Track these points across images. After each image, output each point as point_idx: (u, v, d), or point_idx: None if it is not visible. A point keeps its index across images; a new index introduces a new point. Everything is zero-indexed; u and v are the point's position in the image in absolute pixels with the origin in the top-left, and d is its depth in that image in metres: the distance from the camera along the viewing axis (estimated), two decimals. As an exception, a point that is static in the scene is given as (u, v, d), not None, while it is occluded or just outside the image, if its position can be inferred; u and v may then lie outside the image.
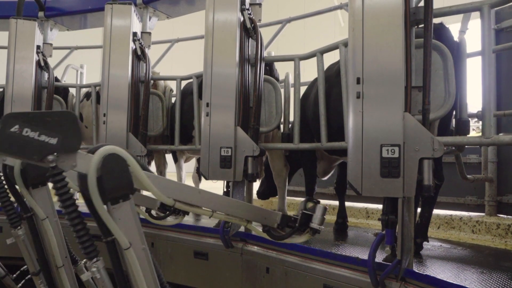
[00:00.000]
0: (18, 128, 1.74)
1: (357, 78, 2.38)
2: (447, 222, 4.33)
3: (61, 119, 1.83)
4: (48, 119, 1.80)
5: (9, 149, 1.72)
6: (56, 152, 1.80)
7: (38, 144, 1.78)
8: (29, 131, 1.76)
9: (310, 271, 3.28)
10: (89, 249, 1.85)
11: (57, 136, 1.81)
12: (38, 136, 1.78)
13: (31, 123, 1.77)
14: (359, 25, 2.39)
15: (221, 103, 3.42)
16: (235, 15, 3.42)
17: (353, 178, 2.39)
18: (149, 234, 4.55)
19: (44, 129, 1.79)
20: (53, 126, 1.81)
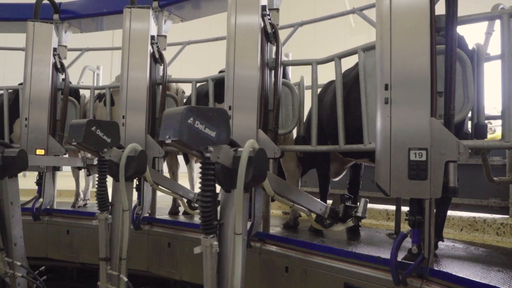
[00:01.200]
0: (193, 120, 2.13)
1: (385, 84, 2.48)
2: (471, 224, 4.41)
3: (218, 116, 2.25)
4: (211, 114, 2.20)
5: (186, 139, 2.12)
6: (213, 145, 2.20)
7: (204, 136, 2.18)
8: (198, 123, 2.15)
9: (330, 270, 3.37)
10: (209, 227, 2.31)
11: (215, 130, 2.22)
12: (204, 129, 2.17)
13: (201, 117, 2.15)
14: (387, 34, 2.49)
15: (244, 106, 3.51)
16: (256, 20, 3.51)
17: (381, 180, 2.49)
18: (165, 234, 4.63)
19: (208, 123, 2.18)
20: (214, 121, 2.21)
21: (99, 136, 3.31)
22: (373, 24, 4.60)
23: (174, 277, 4.55)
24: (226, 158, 2.28)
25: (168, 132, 2.19)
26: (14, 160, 3.55)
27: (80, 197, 5.87)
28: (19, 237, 3.77)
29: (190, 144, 2.17)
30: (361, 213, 3.20)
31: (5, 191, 3.64)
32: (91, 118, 3.46)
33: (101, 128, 3.33)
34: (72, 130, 3.40)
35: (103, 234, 3.42)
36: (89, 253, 5.05)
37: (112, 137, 3.41)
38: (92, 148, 3.36)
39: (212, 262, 2.37)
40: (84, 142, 3.25)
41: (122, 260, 3.48)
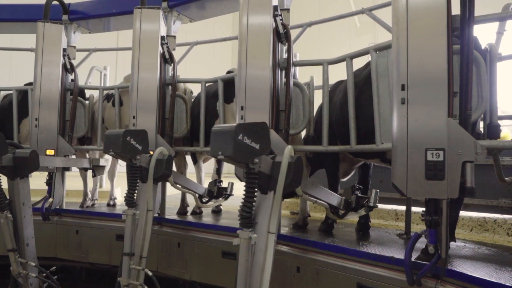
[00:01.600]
0: (241, 136, 2.38)
1: (401, 84, 2.49)
2: (481, 225, 4.41)
3: (261, 129, 2.52)
4: (255, 128, 2.47)
5: (237, 154, 2.36)
6: (257, 156, 2.44)
7: (251, 150, 2.43)
8: (246, 138, 2.40)
9: (343, 270, 3.37)
10: (248, 221, 2.50)
11: (259, 142, 2.46)
12: (250, 143, 2.42)
13: (248, 132, 2.41)
14: (403, 34, 2.49)
15: (256, 106, 3.51)
16: (269, 21, 3.51)
17: (398, 180, 2.49)
18: (175, 235, 4.64)
19: (253, 137, 2.42)
20: (258, 134, 2.46)
21: (132, 145, 3.54)
22: (382, 25, 4.60)
23: (184, 277, 4.56)
24: (266, 166, 2.55)
25: (219, 149, 2.43)
26: (26, 161, 3.56)
27: (88, 197, 5.88)
28: (31, 238, 3.79)
29: (239, 159, 2.43)
30: (372, 202, 3.37)
31: (16, 192, 3.65)
32: (125, 129, 3.64)
33: (134, 137, 3.54)
34: (108, 140, 3.57)
35: (129, 229, 3.49)
36: (99, 253, 5.06)
37: (143, 145, 3.63)
38: (127, 156, 3.57)
39: (248, 254, 2.54)
40: (122, 152, 3.47)
41: (143, 258, 3.52)
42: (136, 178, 3.63)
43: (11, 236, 3.55)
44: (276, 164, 2.56)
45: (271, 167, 2.57)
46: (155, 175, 3.58)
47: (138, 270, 3.46)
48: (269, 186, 2.59)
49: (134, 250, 3.57)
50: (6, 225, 3.48)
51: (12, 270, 3.59)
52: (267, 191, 2.60)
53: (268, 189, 2.60)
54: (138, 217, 3.63)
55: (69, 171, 5.19)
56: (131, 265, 3.48)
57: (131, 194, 3.62)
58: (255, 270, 2.57)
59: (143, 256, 3.56)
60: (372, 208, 3.30)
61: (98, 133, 5.31)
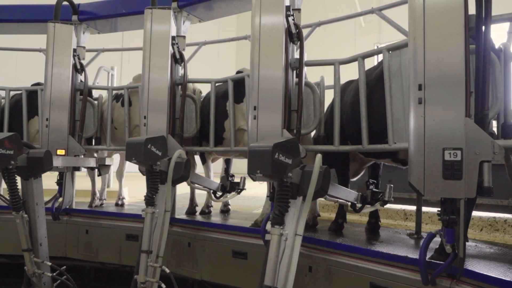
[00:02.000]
0: (277, 155, 2.57)
1: (418, 84, 2.49)
2: (491, 225, 4.41)
3: (293, 145, 2.74)
4: (288, 145, 2.66)
5: (274, 172, 2.57)
6: (290, 170, 2.65)
7: (284, 165, 2.63)
8: (281, 156, 2.59)
9: (356, 269, 3.38)
10: (279, 219, 2.68)
11: (291, 158, 2.67)
12: (284, 159, 2.61)
13: (283, 150, 2.60)
14: (420, 34, 2.50)
15: (268, 106, 3.52)
16: (281, 21, 3.52)
17: (415, 180, 2.50)
18: (185, 234, 4.66)
19: (287, 154, 2.62)
20: (290, 150, 2.66)
21: (153, 152, 3.64)
22: (392, 25, 4.61)
23: (194, 276, 4.57)
24: (296, 177, 2.74)
25: (257, 168, 2.64)
26: (41, 161, 3.58)
27: (97, 197, 5.90)
28: (44, 237, 3.81)
29: (276, 176, 2.64)
30: (387, 197, 3.46)
31: (30, 192, 3.67)
32: (147, 137, 3.73)
33: (154, 143, 3.64)
34: (130, 148, 3.66)
35: (148, 227, 3.53)
36: (109, 252, 5.08)
37: (162, 150, 3.74)
38: (149, 163, 3.65)
39: (278, 249, 2.66)
40: (144, 159, 3.58)
41: (159, 258, 3.55)
42: (157, 182, 3.70)
43: (27, 236, 3.57)
44: (306, 173, 2.74)
45: (300, 176, 2.76)
46: (173, 177, 3.66)
47: (155, 268, 3.49)
48: (298, 192, 2.76)
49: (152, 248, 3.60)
50: (21, 225, 3.50)
51: (27, 270, 3.61)
52: (296, 197, 2.76)
53: (297, 195, 2.76)
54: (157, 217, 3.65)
55: (79, 171, 5.21)
56: (148, 262, 3.50)
57: (152, 194, 3.67)
58: (280, 268, 2.69)
59: (159, 255, 3.58)
60: (387, 202, 3.36)
61: (108, 133, 5.32)
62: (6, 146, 3.30)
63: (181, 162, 3.71)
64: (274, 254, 2.64)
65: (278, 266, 2.67)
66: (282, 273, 2.65)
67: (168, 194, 3.67)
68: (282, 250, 2.68)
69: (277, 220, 2.69)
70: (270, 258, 2.65)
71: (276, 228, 2.69)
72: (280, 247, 2.68)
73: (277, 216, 2.70)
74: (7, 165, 3.36)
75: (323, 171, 2.72)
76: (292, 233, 2.66)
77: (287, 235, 2.67)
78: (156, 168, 3.65)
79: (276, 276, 2.66)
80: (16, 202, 3.50)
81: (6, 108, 5.65)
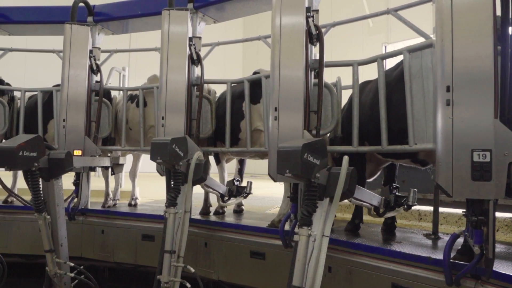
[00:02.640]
0: (306, 154, 2.60)
1: (446, 86, 2.50)
2: (507, 225, 4.40)
3: (321, 146, 2.77)
4: (316, 146, 2.71)
5: (303, 172, 2.59)
6: (318, 170, 2.69)
7: (312, 165, 2.66)
8: (309, 156, 2.63)
9: (377, 270, 3.39)
10: (307, 220, 2.68)
11: (319, 158, 2.70)
12: (313, 160, 2.65)
13: (311, 150, 2.63)
14: (448, 36, 2.50)
15: (290, 107, 3.54)
16: (302, 21, 3.54)
17: (443, 181, 2.51)
18: (202, 235, 4.67)
19: (315, 154, 2.66)
20: (318, 151, 2.69)
21: (177, 152, 3.69)
22: (408, 25, 4.61)
23: (211, 277, 4.58)
24: (323, 178, 2.77)
25: (286, 167, 2.65)
26: (62, 162, 3.60)
27: (110, 197, 5.92)
28: (64, 238, 3.84)
29: (305, 175, 2.65)
30: (411, 201, 3.45)
31: (51, 193, 3.69)
32: (172, 137, 3.79)
33: (178, 144, 3.69)
34: (155, 148, 3.70)
35: (170, 227, 3.56)
36: (124, 253, 5.10)
37: (184, 151, 3.77)
38: (173, 163, 3.69)
39: (306, 250, 2.68)
40: (169, 159, 3.61)
41: (180, 258, 3.57)
42: (180, 183, 3.72)
43: (49, 237, 3.59)
44: (332, 175, 2.75)
45: (327, 178, 2.78)
46: (193, 178, 3.69)
47: (176, 267, 3.51)
48: (324, 193, 2.78)
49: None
50: (44, 227, 3.52)
51: (49, 270, 3.64)
52: (322, 198, 2.78)
53: (324, 196, 2.77)
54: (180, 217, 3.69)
55: (95, 171, 5.23)
56: (172, 262, 3.52)
57: (175, 195, 3.69)
58: (308, 268, 2.71)
59: (180, 255, 3.60)
60: (411, 206, 3.32)
61: (123, 133, 5.34)
62: (30, 148, 3.32)
63: (200, 163, 3.72)
64: (302, 255, 2.65)
65: (307, 267, 2.67)
66: (309, 274, 2.66)
67: (188, 195, 3.69)
68: (311, 251, 2.68)
69: (305, 221, 2.70)
70: (298, 258, 2.66)
71: (304, 229, 2.70)
72: (309, 248, 2.68)
73: (305, 217, 2.70)
74: (30, 167, 3.38)
75: (349, 172, 2.72)
76: (320, 234, 2.66)
77: (315, 236, 2.67)
78: (179, 169, 3.66)
79: (304, 277, 2.67)
80: (39, 203, 3.52)
81: (22, 108, 5.68)
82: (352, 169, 2.76)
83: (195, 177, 3.73)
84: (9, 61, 6.37)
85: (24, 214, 5.31)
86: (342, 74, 4.17)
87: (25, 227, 5.30)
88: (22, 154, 3.26)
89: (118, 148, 5.46)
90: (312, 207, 2.75)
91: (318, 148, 2.70)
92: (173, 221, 3.62)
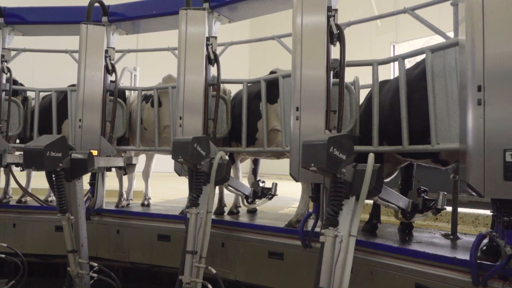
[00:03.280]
0: (332, 148, 2.56)
1: (478, 85, 2.48)
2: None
3: (347, 140, 2.70)
4: (342, 140, 2.64)
5: (328, 166, 2.56)
6: (344, 166, 2.63)
7: (339, 160, 2.60)
8: (335, 150, 2.57)
9: (400, 270, 3.37)
10: (333, 220, 2.66)
11: (345, 153, 2.64)
12: (339, 154, 2.60)
13: (337, 144, 2.59)
14: (479, 35, 2.49)
15: (311, 107, 3.53)
16: (324, 21, 3.53)
17: (474, 181, 2.50)
18: (219, 235, 4.66)
19: (341, 149, 2.61)
20: (344, 146, 2.64)
21: (199, 151, 3.64)
22: (426, 24, 4.59)
23: (228, 277, 4.58)
24: (348, 175, 2.72)
25: (312, 161, 2.62)
26: (84, 162, 3.60)
27: (123, 197, 5.93)
28: (85, 238, 3.84)
29: (330, 170, 2.60)
30: (440, 205, 3.35)
31: (73, 194, 3.70)
32: (194, 136, 3.74)
33: (200, 143, 3.64)
34: (177, 147, 3.67)
35: (193, 227, 3.55)
36: (140, 253, 5.10)
37: (206, 151, 3.72)
38: (195, 162, 3.65)
39: (332, 251, 2.65)
40: (190, 158, 3.57)
41: (202, 258, 3.56)
42: (201, 183, 3.71)
43: (72, 238, 3.59)
44: (358, 172, 2.70)
45: (352, 175, 2.72)
46: (216, 178, 3.67)
47: (198, 268, 3.50)
48: (350, 191, 2.72)
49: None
50: (68, 227, 3.52)
51: (71, 270, 3.64)
52: (348, 197, 2.73)
53: (350, 194, 2.72)
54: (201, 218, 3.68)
55: (110, 171, 5.24)
56: (194, 263, 3.51)
57: (196, 195, 3.67)
58: (335, 269, 2.69)
59: (202, 256, 3.60)
60: (440, 210, 3.27)
61: (137, 133, 5.34)
62: (56, 148, 3.32)
63: (223, 163, 3.70)
64: (329, 256, 2.63)
65: (334, 267, 2.66)
66: (337, 275, 2.64)
67: (210, 195, 3.68)
68: (337, 252, 2.66)
69: (331, 222, 2.67)
70: (325, 260, 2.64)
71: (331, 230, 2.67)
72: (336, 249, 2.66)
73: (331, 217, 2.67)
74: (55, 168, 3.38)
75: (376, 170, 2.68)
76: (346, 234, 2.64)
77: (341, 237, 2.65)
78: (200, 168, 3.66)
79: (332, 278, 2.66)
80: (63, 204, 3.52)
81: (36, 109, 5.69)
82: (378, 166, 2.71)
83: (218, 177, 3.70)
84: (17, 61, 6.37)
85: (39, 214, 5.32)
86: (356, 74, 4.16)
87: (40, 227, 5.31)
88: (49, 155, 3.27)
89: (133, 148, 5.47)
90: (338, 206, 2.70)
91: (345, 143, 2.65)
92: (195, 222, 3.61)
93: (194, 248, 3.58)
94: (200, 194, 3.66)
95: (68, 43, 7.04)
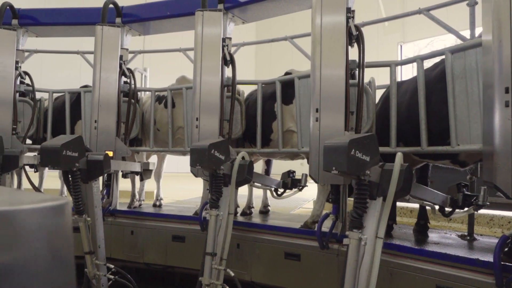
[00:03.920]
0: (354, 151, 2.48)
1: (505, 87, 2.48)
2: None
3: (371, 141, 2.63)
4: (365, 142, 2.56)
5: (350, 169, 2.48)
6: (368, 167, 2.55)
7: (362, 163, 2.52)
8: (357, 152, 2.50)
9: (420, 272, 3.36)
10: (357, 222, 2.62)
11: (369, 155, 2.57)
12: (362, 156, 2.52)
13: (359, 146, 2.52)
14: (507, 37, 2.48)
15: (331, 108, 3.52)
16: (343, 22, 3.52)
17: (502, 183, 2.49)
18: (234, 236, 4.62)
19: (364, 151, 2.53)
20: (368, 147, 2.57)
21: (217, 157, 3.61)
22: (441, 25, 4.58)
23: (243, 278, 4.57)
24: (375, 175, 2.64)
25: (333, 164, 2.57)
26: (100, 164, 3.60)
27: (136, 198, 5.94)
28: (102, 239, 3.84)
29: (353, 173, 2.54)
30: (482, 201, 3.20)
31: (90, 195, 3.70)
32: (210, 143, 3.67)
33: (217, 148, 3.61)
34: (194, 154, 3.68)
35: (212, 229, 3.54)
36: (154, 253, 5.11)
37: (225, 155, 3.69)
38: (213, 168, 3.65)
39: (357, 254, 2.61)
40: (208, 165, 3.57)
41: (223, 260, 3.56)
42: (221, 186, 3.70)
43: (89, 239, 3.59)
44: (385, 172, 2.63)
45: (380, 175, 2.66)
46: (237, 179, 3.65)
47: (219, 270, 3.50)
48: (377, 192, 2.65)
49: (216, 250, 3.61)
50: (84, 229, 3.53)
51: (88, 272, 3.64)
52: (375, 198, 2.67)
53: (377, 195, 2.66)
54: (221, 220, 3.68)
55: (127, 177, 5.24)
56: (213, 265, 3.51)
57: (216, 197, 3.66)
58: (360, 273, 2.63)
59: (223, 258, 3.59)
60: (481, 207, 3.19)
61: (151, 134, 5.35)
62: (72, 148, 3.32)
63: (244, 164, 3.69)
64: (353, 259, 2.61)
65: (358, 270, 2.65)
66: (362, 278, 2.61)
67: (232, 197, 3.66)
68: (362, 255, 2.64)
69: (355, 224, 2.63)
70: (350, 263, 2.62)
71: (355, 232, 2.63)
72: (360, 251, 2.64)
73: (355, 219, 2.64)
74: (71, 167, 3.38)
75: (404, 169, 2.60)
76: (373, 235, 2.60)
77: (365, 240, 2.61)
78: (220, 172, 3.65)
79: (356, 281, 2.64)
80: (79, 205, 3.52)
81: (50, 109, 5.70)
82: (407, 165, 2.64)
83: (239, 178, 3.67)
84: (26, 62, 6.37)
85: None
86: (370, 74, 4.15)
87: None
88: (66, 154, 3.26)
89: (146, 149, 5.47)
90: (362, 208, 2.66)
91: (368, 144, 2.56)
92: (215, 223, 3.61)
93: (213, 250, 3.58)
94: (220, 197, 3.65)
95: (75, 44, 7.07)
